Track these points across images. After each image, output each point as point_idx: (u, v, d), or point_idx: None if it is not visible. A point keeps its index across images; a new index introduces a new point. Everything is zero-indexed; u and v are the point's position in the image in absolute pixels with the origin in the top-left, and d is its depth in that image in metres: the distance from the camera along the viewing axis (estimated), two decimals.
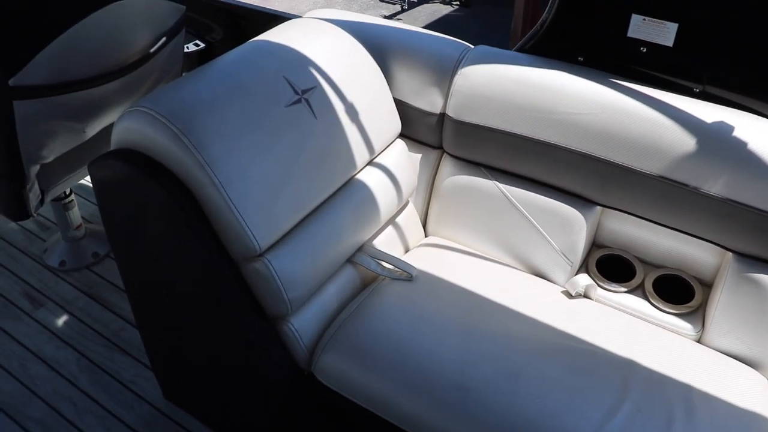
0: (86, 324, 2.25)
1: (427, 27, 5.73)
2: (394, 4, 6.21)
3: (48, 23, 1.66)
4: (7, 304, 2.32)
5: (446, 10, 6.11)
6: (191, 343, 1.69)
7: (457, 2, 6.17)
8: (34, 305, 2.32)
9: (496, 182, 1.77)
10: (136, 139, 1.40)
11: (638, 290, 1.71)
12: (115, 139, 1.46)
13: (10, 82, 1.66)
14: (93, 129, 2.03)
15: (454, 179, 1.82)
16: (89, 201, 2.80)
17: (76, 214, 2.46)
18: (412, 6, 6.15)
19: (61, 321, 2.26)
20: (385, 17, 5.95)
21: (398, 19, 5.92)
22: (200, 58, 2.52)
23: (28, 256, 2.52)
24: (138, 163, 1.40)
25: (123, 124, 1.42)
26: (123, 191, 1.48)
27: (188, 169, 1.36)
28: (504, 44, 5.10)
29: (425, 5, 6.19)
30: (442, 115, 1.79)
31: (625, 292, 1.70)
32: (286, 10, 6.59)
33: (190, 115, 1.37)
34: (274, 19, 2.47)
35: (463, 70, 1.72)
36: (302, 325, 1.54)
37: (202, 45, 2.54)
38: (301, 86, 1.53)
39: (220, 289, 1.47)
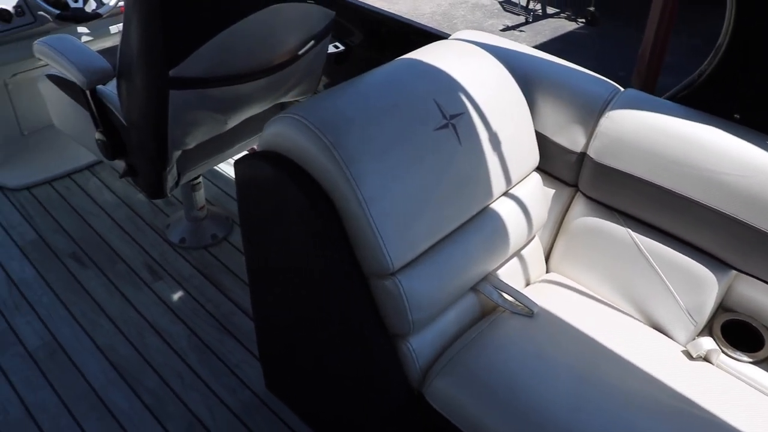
0: (199, 303, 2.35)
1: (548, 42, 5.66)
2: (519, 15, 6.15)
3: (211, 21, 1.74)
4: (130, 273, 2.45)
5: (570, 26, 6.01)
6: (305, 344, 1.73)
7: (583, 20, 6.06)
8: (154, 277, 2.44)
9: (629, 230, 1.73)
10: (285, 144, 1.45)
11: (765, 363, 1.64)
12: (264, 141, 1.51)
13: (170, 72, 1.75)
14: (234, 121, 2.12)
15: (585, 220, 1.80)
16: (214, 184, 2.92)
17: (201, 195, 2.57)
18: (536, 19, 6.08)
19: (176, 296, 2.37)
20: (508, 27, 5.91)
21: (521, 31, 5.86)
22: (338, 60, 2.58)
23: (152, 229, 2.65)
24: (284, 167, 1.44)
25: (274, 128, 1.46)
26: (265, 192, 1.53)
27: (334, 181, 1.39)
28: (625, 67, 4.97)
29: (550, 20, 6.11)
30: (583, 155, 1.76)
31: (750, 362, 1.64)
32: (409, 10, 6.61)
33: (343, 129, 1.40)
34: (411, 28, 2.50)
35: (610, 112, 1.69)
36: (420, 346, 1.56)
37: (342, 47, 2.59)
38: (449, 111, 1.54)
39: (346, 301, 1.50)
